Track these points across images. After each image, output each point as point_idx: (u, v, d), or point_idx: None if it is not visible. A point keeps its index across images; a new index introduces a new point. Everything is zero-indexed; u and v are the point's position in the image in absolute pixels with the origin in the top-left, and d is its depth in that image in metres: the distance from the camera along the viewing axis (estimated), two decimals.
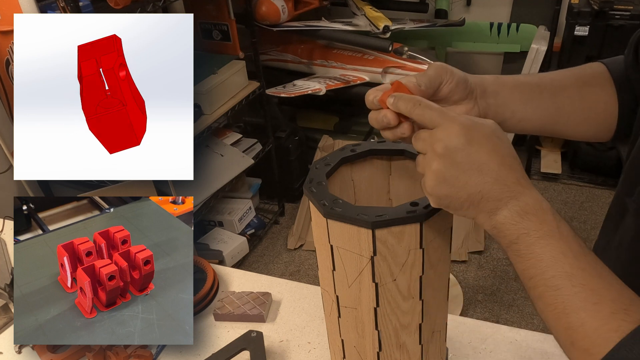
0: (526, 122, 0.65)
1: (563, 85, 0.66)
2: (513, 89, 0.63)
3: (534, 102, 0.64)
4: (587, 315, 0.44)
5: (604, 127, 0.68)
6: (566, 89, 0.66)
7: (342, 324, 0.66)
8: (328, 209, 0.55)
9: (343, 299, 0.63)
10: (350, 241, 0.56)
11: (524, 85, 0.64)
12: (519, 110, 0.63)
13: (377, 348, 0.64)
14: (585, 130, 0.68)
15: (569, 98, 0.66)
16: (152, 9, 1.72)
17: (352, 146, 0.66)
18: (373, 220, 0.53)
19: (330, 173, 0.64)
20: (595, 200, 2.77)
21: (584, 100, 0.66)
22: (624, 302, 0.44)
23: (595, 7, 2.41)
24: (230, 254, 2.36)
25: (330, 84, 2.54)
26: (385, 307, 0.60)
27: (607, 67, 0.68)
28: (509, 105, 0.63)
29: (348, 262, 0.58)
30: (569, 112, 0.66)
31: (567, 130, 0.68)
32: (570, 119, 0.67)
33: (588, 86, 0.67)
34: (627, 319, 0.43)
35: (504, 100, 0.62)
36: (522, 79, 0.65)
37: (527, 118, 0.64)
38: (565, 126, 0.67)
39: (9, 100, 1.69)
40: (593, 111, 0.67)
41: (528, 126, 0.65)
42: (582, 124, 0.67)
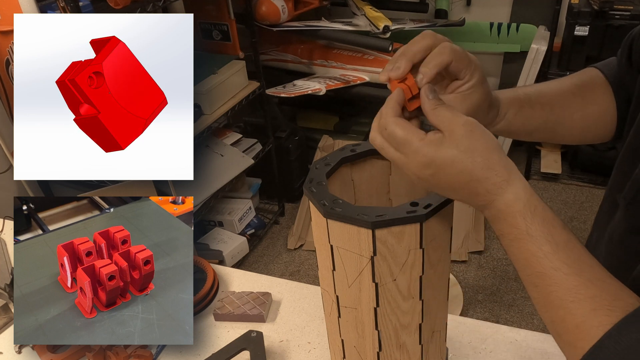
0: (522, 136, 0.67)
1: (561, 97, 0.67)
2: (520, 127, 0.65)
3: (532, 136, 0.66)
4: (566, 313, 0.46)
5: (603, 130, 0.69)
6: (564, 100, 0.67)
7: (342, 324, 0.66)
8: (328, 209, 0.55)
9: (343, 299, 0.63)
10: (350, 241, 0.56)
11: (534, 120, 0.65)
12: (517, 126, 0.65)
13: (377, 348, 0.64)
14: (584, 136, 0.70)
15: (568, 108, 0.67)
16: (152, 9, 1.72)
17: (352, 146, 0.66)
18: (373, 220, 0.53)
19: (330, 173, 0.64)
20: (595, 200, 2.77)
21: (583, 108, 0.67)
22: (606, 297, 0.45)
23: (595, 7, 2.41)
24: (230, 254, 2.36)
25: (330, 84, 2.54)
26: (385, 307, 0.60)
27: (601, 71, 0.69)
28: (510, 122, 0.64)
29: (348, 262, 0.58)
30: (568, 123, 0.67)
31: (565, 140, 0.70)
32: (569, 129, 0.68)
33: (585, 93, 0.68)
34: (610, 314, 0.44)
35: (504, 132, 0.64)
36: (523, 97, 0.65)
37: (524, 133, 0.66)
38: (563, 137, 0.69)
39: (9, 100, 1.69)
40: (591, 117, 0.68)
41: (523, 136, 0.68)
42: (581, 130, 0.69)
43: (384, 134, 0.51)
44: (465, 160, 0.47)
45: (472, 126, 0.48)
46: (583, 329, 0.44)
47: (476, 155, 0.47)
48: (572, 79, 0.69)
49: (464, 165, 0.47)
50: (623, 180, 0.60)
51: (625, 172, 0.61)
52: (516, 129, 0.65)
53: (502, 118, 0.63)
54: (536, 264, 0.47)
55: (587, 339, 0.44)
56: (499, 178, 0.48)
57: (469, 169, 0.47)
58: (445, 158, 0.48)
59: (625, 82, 0.67)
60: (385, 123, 0.50)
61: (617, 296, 0.45)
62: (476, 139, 0.48)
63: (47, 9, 1.52)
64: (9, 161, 1.75)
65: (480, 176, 0.48)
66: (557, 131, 0.67)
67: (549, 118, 0.65)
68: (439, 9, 2.99)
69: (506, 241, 0.50)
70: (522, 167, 3.01)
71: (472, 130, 0.48)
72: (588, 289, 0.45)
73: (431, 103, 0.50)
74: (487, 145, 0.48)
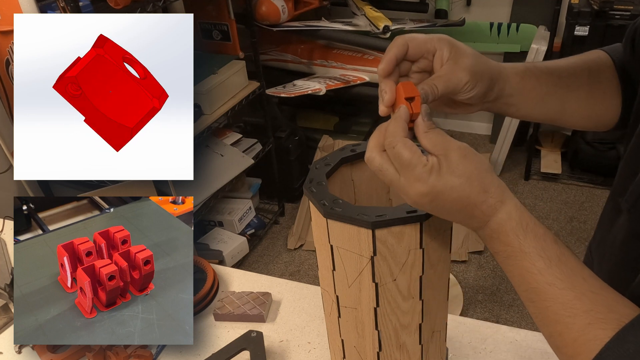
0: (528, 117, 0.66)
1: (576, 84, 0.66)
2: (531, 91, 0.63)
3: (544, 104, 0.64)
4: (563, 328, 0.46)
5: (607, 112, 0.69)
6: (578, 88, 0.66)
7: (342, 324, 0.66)
8: (328, 209, 0.55)
9: (343, 299, 0.63)
10: (350, 241, 0.56)
11: (541, 86, 0.64)
12: (525, 109, 0.64)
13: (377, 348, 0.64)
14: (586, 123, 0.70)
15: (577, 98, 0.66)
16: (152, 9, 1.72)
17: (352, 146, 0.66)
18: (373, 221, 0.53)
19: (330, 173, 0.64)
20: (595, 200, 2.77)
21: (589, 83, 0.67)
22: (601, 310, 0.45)
23: (595, 7, 2.41)
24: (230, 254, 2.36)
25: (330, 84, 2.54)
26: (385, 307, 0.60)
27: (608, 54, 0.69)
28: (518, 106, 0.63)
29: (348, 262, 0.58)
30: (574, 110, 0.67)
31: (568, 124, 0.69)
32: (574, 115, 0.67)
33: (597, 82, 0.67)
34: (605, 327, 0.44)
35: (515, 102, 0.63)
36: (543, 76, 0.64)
37: (530, 115, 0.65)
38: (567, 121, 0.68)
39: (9, 100, 1.69)
40: (597, 95, 0.67)
41: (528, 118, 0.67)
42: (586, 107, 0.68)
43: (390, 153, 0.50)
44: (463, 186, 0.48)
45: (465, 150, 0.49)
46: (581, 343, 0.45)
47: (473, 180, 0.48)
48: (580, 56, 0.69)
49: (462, 191, 0.48)
50: (625, 183, 0.60)
51: (627, 175, 0.61)
52: (527, 94, 0.63)
53: (511, 86, 0.61)
54: (531, 279, 0.48)
55: (586, 352, 0.44)
56: (494, 199, 0.49)
57: (466, 194, 0.48)
58: (444, 186, 0.48)
59: (629, 73, 0.67)
60: (394, 142, 0.49)
61: (611, 308, 0.45)
62: (470, 162, 0.48)
63: (47, 9, 1.52)
64: (9, 161, 1.75)
65: (476, 200, 0.48)
66: (566, 103, 0.66)
67: (557, 83, 0.65)
68: (439, 9, 2.99)
69: (501, 259, 0.50)
70: (522, 167, 3.01)
71: (466, 155, 0.49)
72: (582, 303, 0.46)
73: (424, 125, 0.50)
74: (481, 167, 0.49)
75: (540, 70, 0.64)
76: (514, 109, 0.63)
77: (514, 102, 0.62)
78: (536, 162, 2.98)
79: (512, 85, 0.61)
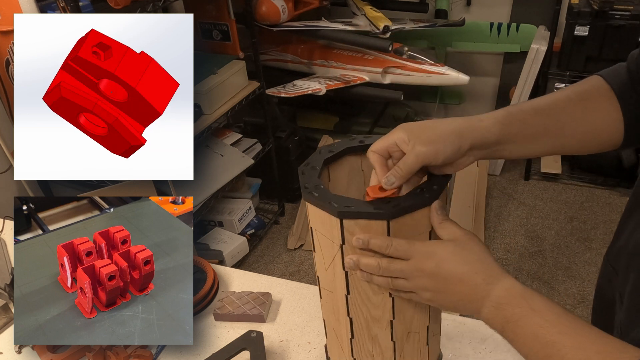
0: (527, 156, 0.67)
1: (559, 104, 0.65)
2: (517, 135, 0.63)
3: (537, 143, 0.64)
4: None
5: (609, 139, 0.67)
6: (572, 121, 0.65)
7: (323, 304, 0.68)
8: (307, 192, 0.58)
9: (322, 281, 0.65)
10: (324, 226, 0.58)
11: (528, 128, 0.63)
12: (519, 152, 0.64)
13: (350, 335, 0.65)
14: (588, 145, 0.67)
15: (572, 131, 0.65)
16: (152, 9, 1.72)
17: (362, 137, 0.67)
18: (340, 210, 0.54)
19: (333, 160, 0.65)
20: (595, 200, 2.77)
21: (584, 116, 0.65)
22: (612, 352, 0.48)
23: (595, 7, 2.41)
24: (230, 254, 2.36)
25: (330, 84, 2.54)
26: (356, 296, 0.61)
27: (605, 79, 0.67)
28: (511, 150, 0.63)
29: (324, 246, 0.60)
30: (572, 144, 0.66)
31: (573, 152, 0.69)
32: (575, 146, 0.66)
33: (587, 101, 0.65)
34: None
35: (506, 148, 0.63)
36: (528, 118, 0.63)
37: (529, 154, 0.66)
38: (570, 152, 0.69)
39: (9, 100, 1.70)
40: (595, 125, 0.66)
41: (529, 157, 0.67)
42: (584, 136, 0.66)
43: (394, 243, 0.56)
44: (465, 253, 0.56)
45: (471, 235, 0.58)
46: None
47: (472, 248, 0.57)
48: (571, 87, 0.67)
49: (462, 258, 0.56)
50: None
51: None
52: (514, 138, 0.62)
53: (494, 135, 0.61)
54: (545, 333, 0.50)
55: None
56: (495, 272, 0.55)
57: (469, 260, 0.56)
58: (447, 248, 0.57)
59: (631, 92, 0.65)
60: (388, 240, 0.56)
61: (622, 349, 0.48)
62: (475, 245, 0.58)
63: (47, 9, 1.52)
64: (9, 161, 1.75)
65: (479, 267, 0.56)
66: (562, 138, 0.65)
67: (546, 122, 0.63)
68: (439, 9, 2.99)
69: (511, 326, 0.53)
70: (522, 167, 3.01)
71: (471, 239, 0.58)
72: (595, 345, 0.49)
73: (439, 218, 0.58)
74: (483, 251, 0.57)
75: (524, 112, 0.63)
76: (507, 153, 0.63)
77: (504, 148, 0.63)
78: (536, 162, 2.98)
79: (495, 134, 0.61)
